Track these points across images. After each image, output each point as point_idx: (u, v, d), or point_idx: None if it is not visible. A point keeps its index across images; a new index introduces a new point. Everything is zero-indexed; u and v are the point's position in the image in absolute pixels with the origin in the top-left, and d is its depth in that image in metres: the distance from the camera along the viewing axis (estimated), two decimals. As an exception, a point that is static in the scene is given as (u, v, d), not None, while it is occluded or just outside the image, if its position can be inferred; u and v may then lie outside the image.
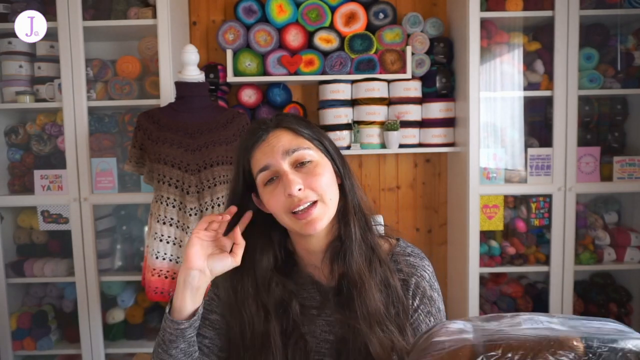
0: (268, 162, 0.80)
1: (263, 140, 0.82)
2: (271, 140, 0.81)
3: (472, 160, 2.09)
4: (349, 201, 0.84)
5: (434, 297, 0.85)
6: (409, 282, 0.84)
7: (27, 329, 2.19)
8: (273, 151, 0.80)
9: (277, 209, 0.80)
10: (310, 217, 0.78)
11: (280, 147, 0.80)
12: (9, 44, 2.13)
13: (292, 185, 0.77)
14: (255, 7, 2.22)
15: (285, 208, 0.79)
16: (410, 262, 0.86)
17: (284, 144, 0.80)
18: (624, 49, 2.19)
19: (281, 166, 0.79)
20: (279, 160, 0.79)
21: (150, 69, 2.19)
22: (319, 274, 0.87)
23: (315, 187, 0.79)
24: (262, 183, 0.81)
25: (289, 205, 0.78)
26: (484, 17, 2.09)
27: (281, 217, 0.81)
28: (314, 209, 0.79)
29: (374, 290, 0.80)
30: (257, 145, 0.82)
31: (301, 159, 0.80)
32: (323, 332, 0.84)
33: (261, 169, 0.81)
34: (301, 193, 0.78)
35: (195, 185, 1.77)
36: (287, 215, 0.79)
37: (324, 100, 2.28)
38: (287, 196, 0.78)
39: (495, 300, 2.31)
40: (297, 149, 0.80)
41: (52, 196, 2.12)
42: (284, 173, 0.79)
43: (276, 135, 0.82)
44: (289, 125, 0.83)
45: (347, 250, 0.82)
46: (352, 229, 0.83)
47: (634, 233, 2.21)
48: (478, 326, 0.52)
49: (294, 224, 0.80)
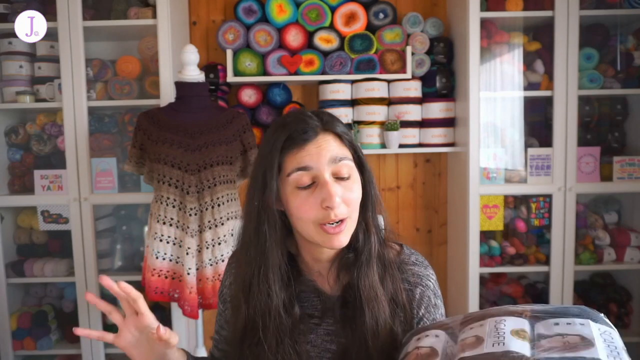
0: (312, 164, 0.75)
1: (310, 141, 0.76)
2: (320, 143, 0.76)
3: (472, 160, 2.09)
4: (370, 215, 0.83)
5: (438, 304, 0.86)
6: (414, 292, 0.84)
7: (27, 329, 2.19)
8: (320, 155, 0.75)
9: (307, 217, 0.76)
10: (339, 233, 0.76)
11: (328, 154, 0.76)
12: (9, 44, 2.14)
13: (334, 198, 0.73)
14: (255, 7, 2.22)
15: (317, 218, 0.75)
16: (415, 271, 0.85)
17: (331, 150, 0.76)
18: (624, 49, 2.19)
19: (323, 172, 0.75)
20: (323, 166, 0.75)
21: (150, 69, 2.19)
22: (322, 282, 0.85)
23: (349, 203, 0.76)
24: (295, 184, 0.76)
25: (323, 217, 0.75)
26: (484, 17, 2.09)
27: (307, 225, 0.76)
28: (343, 225, 0.76)
29: (386, 307, 0.79)
30: (302, 142, 0.76)
31: (342, 173, 0.76)
32: (324, 342, 0.83)
33: (300, 167, 0.75)
34: (337, 207, 0.75)
35: (195, 185, 1.77)
36: (314, 225, 0.76)
37: (324, 100, 2.28)
38: (324, 207, 0.74)
39: (495, 300, 2.31)
40: (343, 159, 0.76)
41: (52, 196, 2.12)
42: (324, 182, 0.74)
43: (326, 139, 0.77)
44: (337, 130, 0.79)
45: (364, 263, 0.80)
46: (372, 243, 0.82)
47: (634, 233, 2.21)
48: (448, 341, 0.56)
49: (319, 236, 0.77)
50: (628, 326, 2.27)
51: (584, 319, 0.54)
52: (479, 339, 0.55)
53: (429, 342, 0.60)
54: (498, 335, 0.54)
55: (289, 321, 0.81)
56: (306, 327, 0.83)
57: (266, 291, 0.80)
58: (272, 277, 0.80)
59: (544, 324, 0.54)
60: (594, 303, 2.29)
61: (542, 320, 0.55)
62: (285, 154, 0.77)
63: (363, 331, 0.78)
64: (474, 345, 0.54)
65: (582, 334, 0.51)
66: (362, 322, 0.78)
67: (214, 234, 1.79)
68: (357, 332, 0.79)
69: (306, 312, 0.84)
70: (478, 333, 0.56)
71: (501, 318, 0.57)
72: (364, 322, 0.78)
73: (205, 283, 1.80)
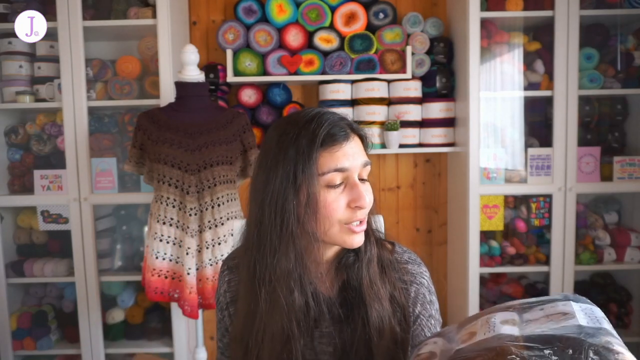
0: (348, 165, 0.76)
1: (345, 141, 0.77)
2: (353, 145, 0.78)
3: (472, 160, 2.09)
4: (370, 217, 0.84)
5: (433, 300, 0.87)
6: (409, 290, 0.85)
7: (27, 329, 2.19)
8: (355, 157, 0.77)
9: (335, 215, 0.76)
10: (361, 233, 0.79)
11: (361, 157, 0.78)
12: (9, 44, 2.13)
13: (365, 199, 0.75)
14: (255, 7, 2.22)
15: (344, 217, 0.76)
16: (409, 269, 0.86)
17: (361, 154, 0.79)
18: (624, 49, 2.19)
19: (354, 174, 0.77)
20: (358, 168, 0.77)
21: (150, 69, 2.19)
22: (319, 283, 0.85)
23: (369, 205, 0.79)
24: (327, 183, 0.75)
25: (350, 216, 0.76)
26: (484, 17, 2.09)
27: (332, 224, 0.76)
28: (363, 225, 0.79)
29: (387, 304, 0.81)
30: (338, 143, 0.76)
31: (364, 175, 0.80)
32: (321, 344, 0.83)
33: (338, 168, 0.75)
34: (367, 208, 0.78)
35: (195, 185, 1.77)
36: (339, 224, 0.77)
37: (324, 100, 2.28)
38: (352, 207, 0.76)
39: (495, 300, 2.31)
40: (369, 164, 0.79)
41: (52, 196, 2.12)
42: (354, 184, 0.76)
43: (357, 142, 0.79)
44: (360, 133, 0.82)
45: (365, 264, 0.82)
46: (372, 245, 0.84)
47: (634, 233, 2.21)
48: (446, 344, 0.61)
49: (342, 235, 0.78)
50: (628, 326, 2.27)
51: (566, 301, 0.59)
52: (472, 334, 0.59)
53: (428, 348, 0.64)
54: (489, 327, 0.58)
55: (309, 324, 0.81)
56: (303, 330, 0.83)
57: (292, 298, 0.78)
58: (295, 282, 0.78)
59: (530, 312, 0.59)
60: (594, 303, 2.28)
61: (530, 309, 0.60)
62: (320, 152, 0.75)
63: (365, 330, 0.79)
64: (468, 340, 0.59)
65: (564, 310, 0.57)
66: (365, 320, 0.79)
67: (214, 234, 1.79)
68: (358, 331, 0.79)
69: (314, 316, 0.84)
70: (471, 330, 0.61)
71: (492, 314, 0.61)
72: (368, 320, 0.79)
73: (205, 283, 1.80)
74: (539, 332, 0.54)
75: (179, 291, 1.81)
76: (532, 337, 0.53)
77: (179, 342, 2.13)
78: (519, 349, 0.51)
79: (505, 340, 0.54)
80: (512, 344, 0.52)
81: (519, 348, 0.52)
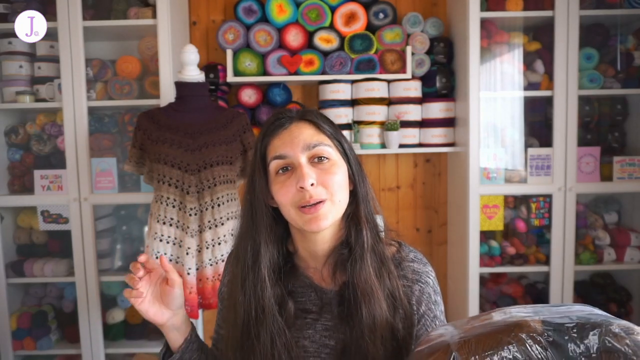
0: (285, 151, 0.79)
1: (285, 129, 0.81)
2: (293, 131, 0.81)
3: (472, 160, 2.09)
4: (361, 208, 0.84)
5: (438, 300, 0.86)
6: (413, 288, 0.84)
7: (27, 329, 2.19)
8: (293, 142, 0.79)
9: (286, 200, 0.79)
10: (316, 214, 0.77)
11: (301, 140, 0.79)
12: (9, 44, 2.13)
13: (306, 179, 0.76)
14: (255, 7, 2.22)
15: (294, 201, 0.78)
16: (414, 268, 0.86)
17: (305, 137, 0.80)
18: (624, 49, 2.19)
19: (298, 158, 0.78)
20: (297, 152, 0.79)
21: (150, 69, 2.19)
22: (318, 277, 0.86)
23: (327, 185, 0.78)
24: (275, 171, 0.80)
25: (299, 199, 0.78)
26: (484, 17, 2.09)
27: (287, 209, 0.80)
28: (322, 206, 0.78)
29: (382, 302, 0.80)
30: (277, 132, 0.81)
31: (319, 154, 0.79)
32: (322, 337, 0.83)
33: (276, 156, 0.80)
34: (313, 189, 0.77)
35: (195, 185, 1.77)
36: (293, 208, 0.79)
37: (324, 100, 2.28)
38: (298, 189, 0.77)
39: (495, 300, 2.31)
40: (317, 145, 0.79)
41: (52, 196, 2.12)
42: (299, 165, 0.78)
43: (299, 127, 0.81)
44: (312, 119, 0.83)
45: (357, 258, 0.81)
46: (364, 237, 0.82)
47: (634, 233, 2.21)
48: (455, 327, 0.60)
49: (299, 218, 0.79)
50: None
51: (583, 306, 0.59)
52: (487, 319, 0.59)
53: (438, 331, 0.63)
54: (504, 313, 0.58)
55: (283, 316, 0.81)
56: (303, 323, 0.83)
57: (259, 285, 0.81)
58: (264, 271, 0.82)
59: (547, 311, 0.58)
60: (594, 303, 2.27)
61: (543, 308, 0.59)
62: (266, 145, 0.82)
63: (361, 327, 0.78)
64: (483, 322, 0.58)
65: (581, 308, 0.56)
66: (360, 317, 0.79)
67: (214, 234, 1.79)
68: (356, 328, 0.79)
69: (303, 307, 0.84)
70: (485, 317, 0.60)
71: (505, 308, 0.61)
72: (361, 317, 0.78)
73: (205, 283, 1.80)
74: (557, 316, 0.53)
75: (179, 291, 1.81)
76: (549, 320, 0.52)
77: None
78: (537, 323, 0.51)
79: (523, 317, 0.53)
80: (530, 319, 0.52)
81: (537, 322, 0.51)
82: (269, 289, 0.81)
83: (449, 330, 0.60)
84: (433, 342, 0.59)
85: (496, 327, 0.53)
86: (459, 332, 0.57)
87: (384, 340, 0.79)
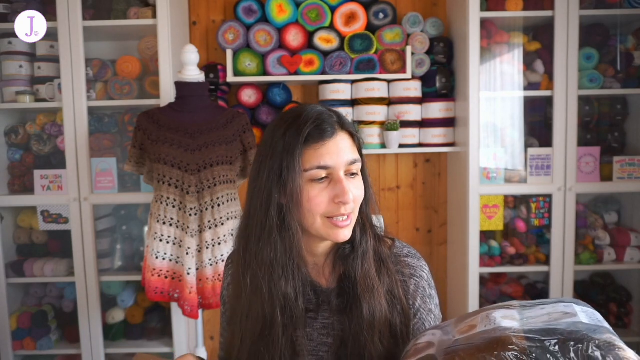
0: (332, 163, 0.77)
1: (331, 138, 0.78)
2: (339, 142, 0.79)
3: (472, 160, 2.09)
4: (367, 211, 0.85)
5: (433, 294, 0.87)
6: (409, 283, 0.85)
7: (27, 329, 2.19)
8: (339, 155, 0.78)
9: (319, 210, 0.78)
10: (346, 227, 0.79)
11: (345, 154, 0.78)
12: (9, 44, 2.14)
13: (348, 195, 0.76)
14: (255, 7, 2.22)
15: (326, 211, 0.78)
16: (409, 263, 0.87)
17: (347, 151, 0.79)
18: (624, 49, 2.19)
19: (339, 172, 0.78)
20: (340, 165, 0.77)
21: (150, 69, 2.19)
22: (318, 275, 0.86)
23: (356, 200, 0.79)
24: (313, 178, 0.77)
25: (332, 210, 0.77)
26: (484, 17, 2.09)
27: (313, 217, 0.78)
28: (349, 220, 0.79)
29: (383, 299, 0.81)
30: (323, 140, 0.77)
31: (353, 170, 0.80)
32: (320, 335, 0.84)
33: (321, 166, 0.77)
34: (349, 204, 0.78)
35: (195, 185, 1.77)
36: (322, 218, 0.78)
37: (324, 100, 2.28)
38: (336, 202, 0.77)
39: (495, 300, 2.31)
40: (355, 162, 0.79)
41: (52, 196, 2.12)
42: (339, 179, 0.77)
43: (343, 138, 0.80)
44: (350, 129, 0.82)
45: (360, 256, 0.83)
46: (368, 238, 0.84)
47: (634, 233, 2.21)
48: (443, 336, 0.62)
49: (326, 229, 0.79)
50: (628, 326, 2.27)
51: (567, 303, 0.60)
52: (471, 327, 0.60)
53: (426, 339, 0.65)
54: (489, 320, 0.59)
55: (296, 313, 0.81)
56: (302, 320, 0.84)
57: (276, 286, 0.80)
58: (279, 271, 0.80)
59: (531, 311, 0.60)
60: (594, 303, 2.28)
61: (531, 308, 0.61)
62: (304, 149, 0.77)
63: (359, 322, 0.79)
64: (467, 332, 0.59)
65: (565, 310, 0.57)
66: (359, 312, 0.80)
67: (214, 234, 1.79)
68: (354, 322, 0.80)
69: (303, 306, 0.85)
70: (471, 323, 0.61)
71: (492, 310, 0.62)
72: (361, 312, 0.80)
73: (205, 283, 1.80)
74: (540, 326, 0.54)
75: (179, 291, 1.81)
76: (533, 330, 0.53)
77: (179, 342, 2.13)
78: (520, 339, 0.52)
79: (506, 332, 0.54)
80: (513, 335, 0.53)
81: (520, 339, 0.52)
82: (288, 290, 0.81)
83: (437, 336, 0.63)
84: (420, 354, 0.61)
85: (479, 342, 0.55)
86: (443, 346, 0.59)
87: (381, 336, 0.80)
